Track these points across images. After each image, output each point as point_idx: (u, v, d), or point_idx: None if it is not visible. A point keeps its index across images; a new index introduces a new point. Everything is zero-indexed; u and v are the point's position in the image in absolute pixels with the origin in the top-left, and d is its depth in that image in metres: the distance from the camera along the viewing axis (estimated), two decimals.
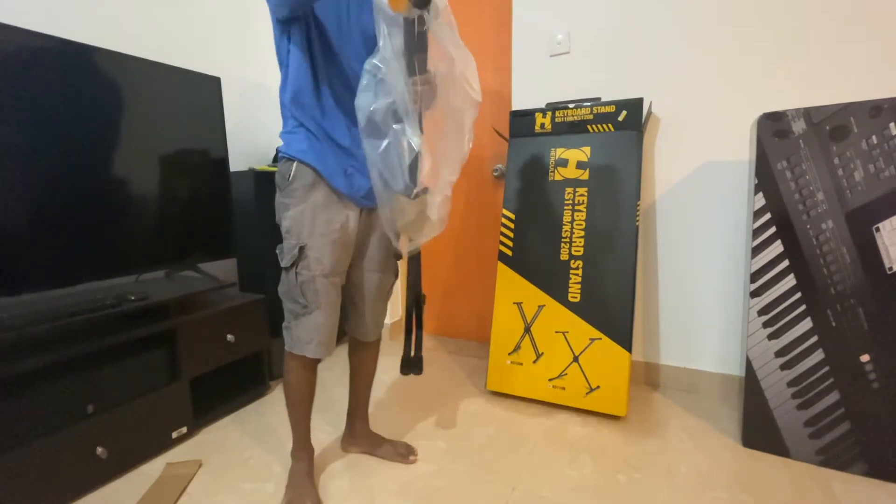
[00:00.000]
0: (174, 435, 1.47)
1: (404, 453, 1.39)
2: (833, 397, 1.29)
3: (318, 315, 1.15)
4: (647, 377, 1.89)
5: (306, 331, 1.15)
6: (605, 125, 1.72)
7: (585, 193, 1.71)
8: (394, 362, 2.16)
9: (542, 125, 1.82)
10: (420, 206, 1.06)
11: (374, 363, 1.41)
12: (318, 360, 1.21)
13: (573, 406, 1.65)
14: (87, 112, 1.37)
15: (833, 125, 1.26)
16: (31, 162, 1.25)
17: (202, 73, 1.71)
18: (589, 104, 1.74)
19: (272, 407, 1.73)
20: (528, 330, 1.74)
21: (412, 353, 1.32)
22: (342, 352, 2.22)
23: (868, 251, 1.24)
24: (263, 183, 1.93)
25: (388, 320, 2.45)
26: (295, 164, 1.11)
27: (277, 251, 1.17)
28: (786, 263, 1.33)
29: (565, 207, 1.73)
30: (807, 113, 1.28)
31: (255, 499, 1.23)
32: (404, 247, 1.22)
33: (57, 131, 1.30)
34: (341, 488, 1.27)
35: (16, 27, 1.22)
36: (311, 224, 1.11)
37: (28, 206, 1.25)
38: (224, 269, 2.15)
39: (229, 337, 1.64)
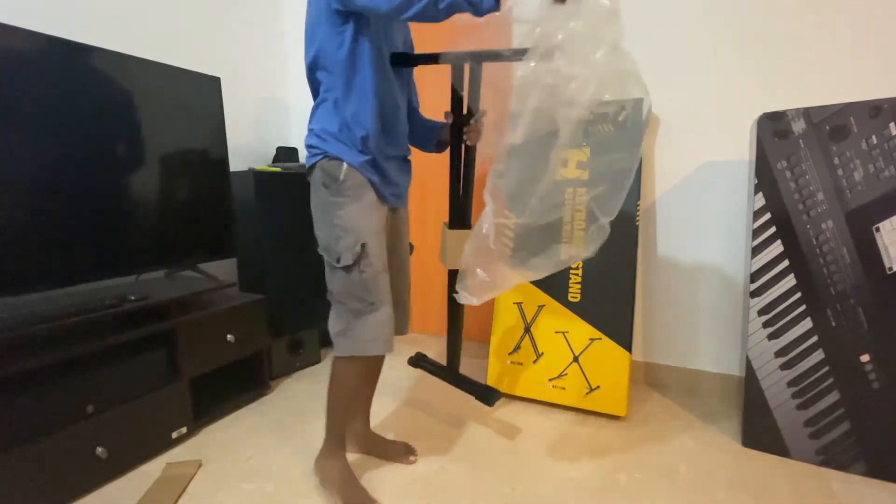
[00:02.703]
0: (174, 435, 1.47)
1: (404, 453, 1.38)
2: (833, 397, 1.29)
3: (385, 310, 1.13)
4: (647, 377, 1.89)
5: (372, 328, 1.12)
6: (605, 125, 1.71)
7: (585, 193, 1.71)
8: (392, 361, 2.16)
9: None
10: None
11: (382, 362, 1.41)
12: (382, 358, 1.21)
13: (573, 406, 1.65)
14: (87, 112, 1.37)
15: (833, 125, 1.26)
16: (31, 162, 1.25)
17: (202, 73, 1.71)
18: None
19: (272, 407, 1.73)
20: (528, 330, 1.74)
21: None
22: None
23: (868, 251, 1.24)
24: (263, 183, 1.93)
25: None
26: (345, 165, 1.09)
27: (324, 251, 1.13)
28: (786, 263, 1.33)
29: (565, 207, 1.73)
30: (807, 113, 1.28)
31: (255, 499, 1.23)
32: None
33: (57, 131, 1.30)
34: None
35: (16, 27, 1.22)
36: (368, 221, 1.11)
37: (28, 206, 1.25)
38: (224, 269, 2.14)
39: (229, 337, 1.64)
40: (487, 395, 1.32)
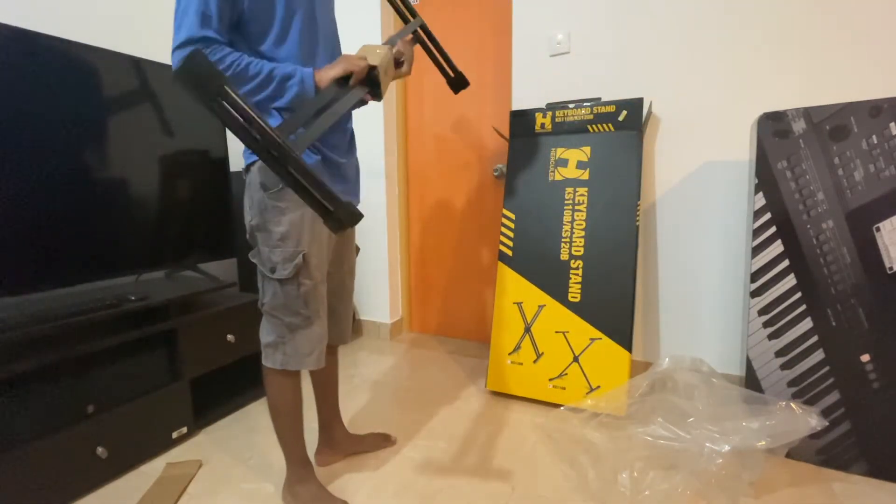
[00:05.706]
0: (174, 435, 1.47)
1: (383, 441, 1.44)
2: (833, 397, 1.29)
3: (319, 324, 1.10)
4: None
5: (308, 343, 1.09)
6: (605, 125, 1.72)
7: (585, 193, 1.71)
8: (391, 361, 2.16)
9: (543, 125, 1.83)
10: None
11: (337, 366, 1.40)
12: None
13: (573, 406, 1.65)
14: (88, 112, 1.37)
15: (833, 125, 1.26)
16: (31, 162, 1.25)
17: None
18: (589, 104, 1.74)
19: None
20: (528, 330, 1.74)
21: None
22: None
23: (868, 251, 1.24)
24: None
25: (388, 320, 2.45)
26: None
27: (256, 259, 1.08)
28: (786, 263, 1.34)
29: (565, 207, 1.73)
30: (807, 113, 1.28)
31: (255, 499, 1.23)
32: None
33: (57, 131, 1.30)
34: (340, 490, 1.27)
35: (16, 27, 1.22)
36: (309, 230, 1.06)
37: (28, 206, 1.25)
38: (224, 269, 2.15)
39: (229, 337, 1.64)
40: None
